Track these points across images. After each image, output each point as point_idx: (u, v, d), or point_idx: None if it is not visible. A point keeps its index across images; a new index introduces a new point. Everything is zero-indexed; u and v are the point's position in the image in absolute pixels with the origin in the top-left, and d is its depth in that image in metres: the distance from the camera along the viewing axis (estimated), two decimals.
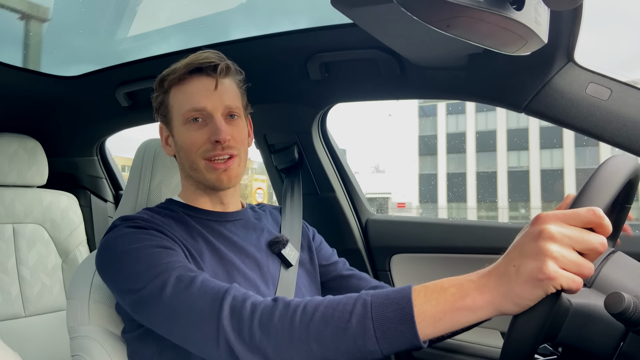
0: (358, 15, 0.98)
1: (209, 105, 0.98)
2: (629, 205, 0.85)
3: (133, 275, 0.83)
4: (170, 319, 0.77)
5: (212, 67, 0.99)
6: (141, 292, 0.81)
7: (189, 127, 0.99)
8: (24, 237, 1.81)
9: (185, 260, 0.86)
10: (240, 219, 1.07)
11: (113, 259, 0.87)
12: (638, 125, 1.07)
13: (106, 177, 2.26)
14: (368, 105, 25.40)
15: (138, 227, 0.91)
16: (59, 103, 1.99)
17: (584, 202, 0.66)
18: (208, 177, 0.99)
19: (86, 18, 1.53)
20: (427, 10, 0.64)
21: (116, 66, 1.75)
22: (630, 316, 0.61)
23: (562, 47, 1.11)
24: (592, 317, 0.70)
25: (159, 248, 0.86)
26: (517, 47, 0.76)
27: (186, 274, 0.80)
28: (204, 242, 0.97)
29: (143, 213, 0.98)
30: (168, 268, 0.81)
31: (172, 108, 1.02)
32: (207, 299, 0.75)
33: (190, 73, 0.99)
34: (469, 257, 1.56)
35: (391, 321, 0.64)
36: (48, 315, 1.82)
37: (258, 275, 1.00)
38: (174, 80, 1.00)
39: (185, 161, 1.01)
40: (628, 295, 0.62)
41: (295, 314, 0.68)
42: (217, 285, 0.77)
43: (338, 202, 1.68)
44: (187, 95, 0.99)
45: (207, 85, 0.99)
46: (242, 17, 1.52)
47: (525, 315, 0.61)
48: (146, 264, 0.82)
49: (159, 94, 1.03)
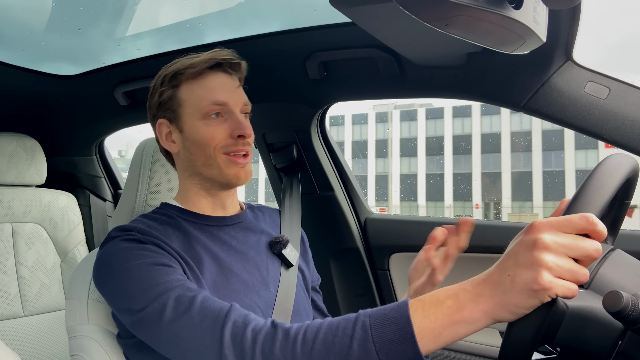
0: (357, 14, 0.98)
1: (231, 100, 0.98)
2: (628, 201, 0.85)
3: (131, 296, 0.82)
4: (171, 342, 0.77)
5: (231, 64, 1.01)
6: (140, 314, 0.80)
7: (209, 121, 0.97)
8: (23, 237, 1.81)
9: (184, 277, 0.85)
10: (239, 221, 1.05)
11: (110, 277, 0.87)
12: (636, 123, 1.07)
13: (105, 176, 2.26)
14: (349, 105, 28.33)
15: (135, 241, 0.89)
16: (57, 102, 1.98)
17: (581, 203, 0.66)
18: (226, 172, 0.98)
19: (85, 17, 1.53)
20: (426, 9, 0.64)
21: (115, 65, 1.75)
22: (629, 314, 0.61)
23: (561, 45, 1.11)
24: (589, 319, 0.70)
25: (156, 266, 0.84)
26: (516, 46, 0.76)
27: (185, 294, 0.79)
28: (203, 249, 0.95)
29: (139, 222, 0.96)
30: (167, 288, 0.80)
31: (184, 102, 0.99)
32: (207, 323, 0.75)
33: (210, 68, 0.99)
34: (468, 256, 1.56)
35: (393, 342, 0.64)
36: (47, 314, 1.82)
37: (258, 280, 0.99)
38: (192, 75, 0.99)
39: (198, 157, 0.99)
40: (626, 293, 0.62)
41: (296, 343, 0.68)
42: (217, 307, 0.77)
43: (337, 201, 1.68)
44: (206, 89, 0.98)
45: (226, 81, 1.00)
46: (241, 17, 1.52)
47: (521, 320, 0.61)
48: (144, 284, 0.82)
49: (166, 89, 1.01)
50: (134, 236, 0.90)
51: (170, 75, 1.00)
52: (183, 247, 0.94)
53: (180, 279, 0.83)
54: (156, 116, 1.04)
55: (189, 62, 0.99)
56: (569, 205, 0.67)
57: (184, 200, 1.04)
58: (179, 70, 0.99)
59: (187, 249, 0.94)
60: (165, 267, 0.85)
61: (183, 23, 1.57)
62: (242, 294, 0.95)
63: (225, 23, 1.54)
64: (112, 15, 1.53)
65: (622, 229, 0.90)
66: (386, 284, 1.68)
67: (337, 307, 1.73)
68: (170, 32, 1.62)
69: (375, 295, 1.69)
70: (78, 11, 1.50)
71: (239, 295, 0.94)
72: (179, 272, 0.86)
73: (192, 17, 1.54)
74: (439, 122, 30.55)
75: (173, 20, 1.57)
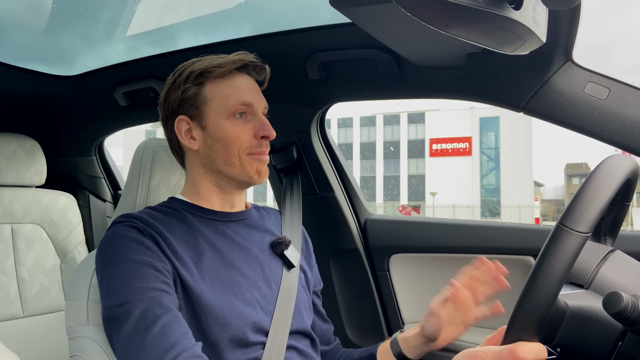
0: (357, 14, 0.98)
1: (256, 102, 1.02)
2: (627, 202, 0.85)
3: (109, 288, 0.88)
4: (122, 355, 0.83)
5: (255, 67, 1.05)
6: (107, 312, 0.87)
7: (234, 121, 1.00)
8: (23, 238, 1.81)
9: (165, 287, 0.87)
10: (244, 218, 1.07)
11: (102, 263, 0.92)
12: (636, 124, 1.07)
13: (105, 177, 2.26)
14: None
15: (135, 229, 0.92)
16: (57, 102, 1.98)
17: (582, 203, 0.67)
18: (249, 170, 1.00)
19: (84, 17, 1.53)
20: (426, 10, 0.64)
21: (115, 65, 1.75)
22: (629, 315, 0.61)
23: (561, 46, 1.11)
24: (589, 319, 0.70)
25: (143, 265, 0.88)
26: (516, 46, 0.76)
27: (153, 310, 0.83)
28: (206, 243, 0.97)
29: (145, 213, 0.98)
30: (139, 297, 0.84)
31: (210, 100, 1.00)
32: (156, 352, 0.79)
33: (237, 69, 1.03)
34: (467, 256, 1.56)
35: None
36: (47, 315, 1.82)
37: (260, 276, 1.01)
38: (220, 74, 1.01)
39: (220, 155, 1.00)
40: (626, 294, 0.62)
41: None
42: (174, 339, 0.80)
43: (337, 201, 1.68)
44: (234, 89, 1.01)
45: (252, 83, 1.04)
46: (240, 17, 1.52)
47: (521, 322, 0.62)
48: (123, 281, 0.86)
49: (190, 85, 1.01)
50: (136, 224, 0.93)
51: (197, 72, 1.01)
52: (185, 239, 0.96)
53: (158, 289, 0.86)
54: (175, 113, 1.03)
55: (216, 61, 1.01)
56: (568, 206, 0.67)
57: (192, 195, 1.05)
58: (206, 68, 1.01)
59: (190, 241, 0.96)
60: (151, 269, 0.88)
61: (182, 23, 1.57)
62: (244, 287, 0.96)
63: (224, 23, 1.54)
64: (111, 16, 1.53)
65: (622, 229, 0.90)
66: (386, 284, 1.67)
67: (337, 308, 1.73)
68: (170, 32, 1.62)
69: (375, 296, 1.69)
70: (78, 11, 1.50)
71: (240, 289, 0.96)
72: (162, 279, 0.88)
73: (191, 17, 1.54)
74: (396, 127, 30.32)
75: (172, 20, 1.57)
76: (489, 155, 25.85)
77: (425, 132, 26.64)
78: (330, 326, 1.19)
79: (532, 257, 1.44)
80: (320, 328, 1.15)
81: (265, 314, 0.97)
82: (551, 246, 0.66)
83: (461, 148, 25.47)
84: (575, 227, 0.65)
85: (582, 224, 0.66)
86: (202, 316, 0.90)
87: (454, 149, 25.56)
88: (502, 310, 0.94)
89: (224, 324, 0.90)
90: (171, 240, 0.93)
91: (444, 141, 25.80)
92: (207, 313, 0.90)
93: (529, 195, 24.87)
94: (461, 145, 25.45)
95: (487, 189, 25.97)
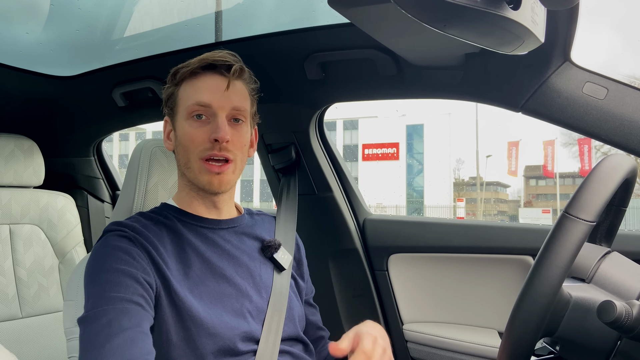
0: (355, 15, 0.98)
1: (215, 103, 0.96)
2: (624, 207, 0.85)
3: (88, 296, 0.86)
4: (81, 354, 0.81)
5: (226, 66, 0.98)
6: (83, 314, 0.85)
7: (191, 122, 0.97)
8: (21, 238, 1.81)
9: (140, 299, 0.85)
10: (234, 226, 1.05)
11: (87, 273, 0.90)
12: (634, 124, 1.07)
13: (103, 177, 2.26)
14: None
15: (126, 239, 0.91)
16: (55, 103, 1.98)
17: (580, 204, 0.67)
18: (200, 178, 0.97)
19: (83, 17, 1.53)
20: (424, 10, 0.65)
21: (113, 66, 1.75)
22: (624, 323, 0.62)
23: (559, 46, 1.11)
24: (591, 311, 0.71)
25: (124, 276, 0.86)
26: (514, 46, 0.76)
27: (120, 322, 0.80)
28: (195, 253, 0.96)
29: (136, 220, 0.97)
30: (110, 305, 0.82)
31: (179, 101, 1.00)
32: None
33: (204, 69, 0.98)
34: (466, 256, 1.56)
35: None
36: (45, 316, 1.81)
37: (251, 285, 0.99)
38: (186, 74, 0.99)
39: (181, 157, 1.00)
40: (620, 302, 0.62)
41: None
42: (128, 357, 0.77)
43: (335, 201, 1.68)
44: (195, 89, 0.98)
45: (218, 83, 0.97)
46: (239, 17, 1.52)
47: (522, 319, 0.62)
48: (100, 289, 0.85)
49: (170, 86, 1.02)
50: (127, 234, 0.92)
51: (173, 72, 1.01)
52: (175, 250, 0.95)
53: (132, 301, 0.84)
54: (163, 114, 1.05)
55: (188, 61, 1.00)
56: (574, 196, 0.69)
57: (181, 200, 1.04)
58: (178, 68, 1.01)
59: (179, 252, 0.95)
60: (131, 280, 0.86)
61: (181, 24, 1.57)
62: (233, 298, 0.95)
63: (224, 24, 1.54)
64: (110, 16, 1.52)
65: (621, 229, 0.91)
66: (385, 284, 1.68)
67: (336, 308, 1.73)
68: (168, 33, 1.62)
69: (374, 295, 1.69)
70: (76, 12, 1.50)
71: (229, 300, 0.95)
72: (141, 292, 0.86)
73: (190, 17, 1.53)
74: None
75: (171, 21, 1.57)
76: (417, 159, 27.11)
77: (359, 137, 27.40)
78: (326, 332, 1.16)
79: (530, 257, 1.45)
80: (314, 337, 1.13)
81: (256, 323, 0.96)
82: (557, 233, 0.67)
83: (390, 153, 26.64)
84: (581, 215, 0.66)
85: (588, 212, 0.67)
86: (192, 327, 0.89)
87: (384, 154, 26.76)
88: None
89: (213, 334, 0.89)
90: (162, 250, 0.92)
91: (374, 146, 26.94)
92: (197, 324, 0.89)
93: (449, 196, 26.43)
94: (390, 150, 26.66)
95: (417, 190, 27.09)
